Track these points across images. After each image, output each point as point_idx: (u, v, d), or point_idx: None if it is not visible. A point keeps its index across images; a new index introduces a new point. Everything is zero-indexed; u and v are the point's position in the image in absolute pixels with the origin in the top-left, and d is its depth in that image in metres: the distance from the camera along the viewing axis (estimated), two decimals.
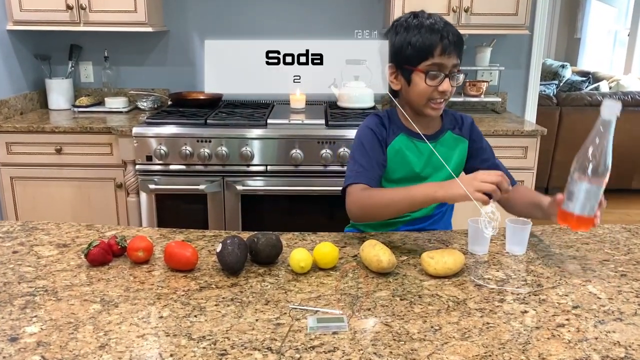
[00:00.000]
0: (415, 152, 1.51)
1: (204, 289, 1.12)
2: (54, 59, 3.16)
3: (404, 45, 1.40)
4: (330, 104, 3.09)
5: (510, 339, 0.95)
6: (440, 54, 1.37)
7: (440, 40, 1.37)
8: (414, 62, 1.40)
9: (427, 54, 1.38)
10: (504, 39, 3.17)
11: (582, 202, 1.15)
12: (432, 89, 1.40)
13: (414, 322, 1.00)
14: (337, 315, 1.01)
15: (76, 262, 1.23)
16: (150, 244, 1.23)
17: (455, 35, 1.39)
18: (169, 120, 2.66)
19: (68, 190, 2.75)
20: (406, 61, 1.42)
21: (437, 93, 1.41)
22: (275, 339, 0.94)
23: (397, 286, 1.15)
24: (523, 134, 2.71)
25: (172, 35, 3.19)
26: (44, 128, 2.66)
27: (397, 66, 1.46)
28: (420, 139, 1.49)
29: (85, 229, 1.42)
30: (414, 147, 1.51)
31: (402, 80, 1.46)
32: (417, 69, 1.40)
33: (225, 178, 2.63)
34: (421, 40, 1.38)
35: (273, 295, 1.10)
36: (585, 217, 1.17)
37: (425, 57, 1.38)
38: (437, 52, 1.37)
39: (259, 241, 1.21)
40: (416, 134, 1.49)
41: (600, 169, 1.12)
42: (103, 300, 1.07)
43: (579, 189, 1.14)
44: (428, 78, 1.39)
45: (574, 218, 1.18)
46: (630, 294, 1.13)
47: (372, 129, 1.51)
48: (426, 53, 1.38)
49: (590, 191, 1.14)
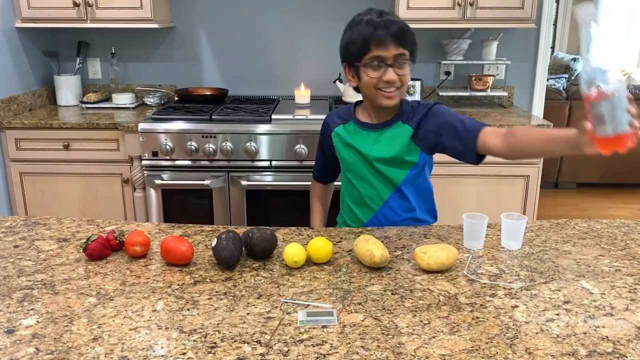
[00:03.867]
0: (360, 139, 1.58)
1: (198, 283, 1.13)
2: (63, 56, 3.20)
3: (348, 44, 1.49)
4: (335, 99, 3.10)
5: (499, 334, 0.96)
6: (377, 46, 1.43)
7: (374, 32, 1.42)
8: (356, 58, 1.47)
9: (365, 48, 1.44)
10: (511, 33, 3.15)
11: (614, 118, 1.02)
12: (376, 80, 1.46)
13: (403, 316, 1.01)
14: (327, 310, 1.03)
15: (75, 256, 1.26)
16: (147, 239, 1.25)
17: (394, 26, 1.43)
18: (175, 116, 2.68)
19: (76, 186, 2.78)
20: (352, 58, 1.49)
21: (383, 83, 1.46)
22: (265, 332, 0.96)
23: (390, 281, 1.15)
24: None
25: (178, 31, 3.21)
26: (52, 124, 2.69)
27: (348, 64, 1.53)
28: (367, 127, 1.58)
29: (86, 224, 1.44)
30: (359, 135, 1.59)
31: (355, 77, 1.52)
32: (360, 63, 1.47)
33: (230, 173, 2.65)
34: (359, 37, 1.45)
35: (266, 289, 1.11)
36: (625, 134, 1.04)
37: (364, 51, 1.45)
38: (374, 44, 1.43)
39: (253, 236, 1.22)
40: (364, 124, 1.58)
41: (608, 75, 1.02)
42: (99, 293, 1.09)
43: (604, 108, 1.02)
44: (370, 69, 1.45)
45: (616, 139, 1.04)
46: (623, 289, 1.13)
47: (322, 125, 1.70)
48: (364, 47, 1.44)
49: (615, 103, 1.02)
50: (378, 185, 1.58)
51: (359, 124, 1.59)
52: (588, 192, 4.54)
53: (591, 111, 1.04)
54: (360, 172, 1.59)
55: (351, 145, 1.59)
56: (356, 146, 1.58)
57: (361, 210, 1.63)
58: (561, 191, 4.54)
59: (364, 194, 1.60)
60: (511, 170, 2.72)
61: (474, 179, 1.53)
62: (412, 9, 2.78)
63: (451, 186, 2.69)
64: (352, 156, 1.60)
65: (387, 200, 1.59)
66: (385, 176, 1.56)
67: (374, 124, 1.57)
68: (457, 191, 2.71)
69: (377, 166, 1.55)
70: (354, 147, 1.58)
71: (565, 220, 1.50)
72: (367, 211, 1.62)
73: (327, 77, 3.13)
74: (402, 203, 1.59)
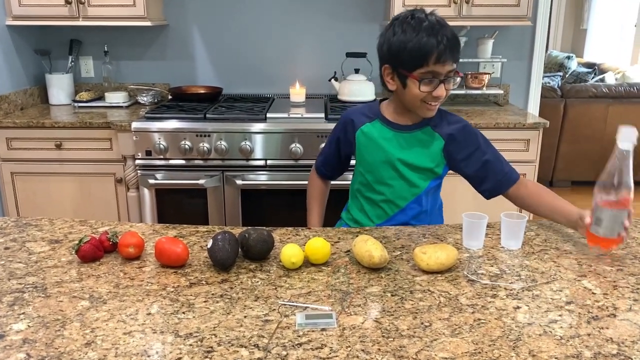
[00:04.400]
0: (387, 139, 1.53)
1: (194, 285, 1.11)
2: (54, 54, 3.16)
3: (400, 49, 1.40)
4: (330, 98, 3.07)
5: (501, 336, 0.94)
6: (435, 62, 1.37)
7: (436, 47, 1.35)
8: (408, 68, 1.40)
9: (422, 61, 1.38)
10: (506, 31, 3.13)
11: (608, 226, 1.21)
12: (426, 94, 1.41)
13: (403, 318, 0.99)
14: (326, 312, 1.00)
15: (67, 258, 1.23)
16: (141, 240, 1.22)
17: (452, 40, 1.38)
18: (168, 114, 2.65)
19: (68, 186, 2.75)
20: (401, 65, 1.42)
21: (431, 97, 1.42)
22: (262, 335, 0.93)
23: (389, 282, 1.13)
24: (525, 126, 2.69)
25: (172, 29, 3.18)
26: (44, 123, 2.66)
27: (393, 68, 1.45)
28: (395, 128, 1.53)
29: (78, 225, 1.42)
30: (387, 135, 1.54)
31: (397, 82, 1.46)
32: (411, 75, 1.40)
33: (225, 172, 2.62)
34: (417, 47, 1.37)
35: (263, 291, 1.09)
36: (612, 239, 1.23)
37: (420, 64, 1.38)
38: (432, 61, 1.37)
39: (250, 237, 1.20)
40: (392, 124, 1.54)
41: (622, 194, 1.19)
42: (92, 297, 1.06)
43: (605, 215, 1.21)
44: (422, 84, 1.40)
45: (603, 240, 1.24)
46: (625, 289, 1.11)
47: (341, 123, 1.64)
48: (421, 61, 1.38)
49: (615, 215, 1.20)
50: (399, 190, 1.55)
51: (386, 123, 1.54)
52: (583, 190, 4.53)
53: (594, 211, 1.23)
54: (381, 175, 1.55)
55: (378, 145, 1.54)
56: (383, 146, 1.53)
57: (375, 212, 1.60)
58: (556, 189, 4.49)
59: (382, 198, 1.57)
60: None
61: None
62: (408, 6, 2.77)
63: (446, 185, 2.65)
64: (375, 157, 1.55)
65: (404, 207, 1.57)
66: (408, 181, 1.53)
67: (404, 125, 1.53)
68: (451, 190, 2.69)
69: (402, 169, 1.52)
70: (380, 147, 1.54)
71: None
72: (382, 214, 1.59)
73: (323, 75, 3.11)
74: (419, 212, 1.57)
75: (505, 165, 1.53)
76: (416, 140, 1.53)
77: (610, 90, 4.40)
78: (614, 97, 4.38)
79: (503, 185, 1.52)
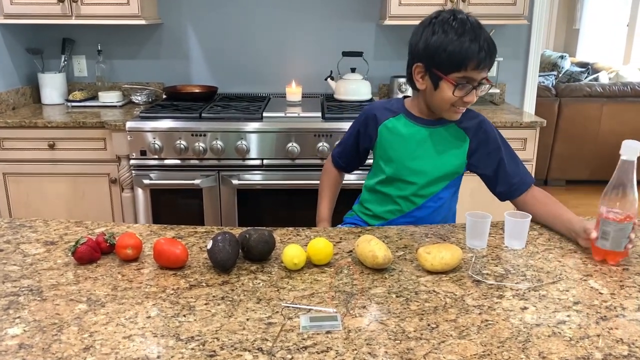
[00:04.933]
0: (412, 134, 1.51)
1: (194, 288, 1.08)
2: (47, 53, 3.11)
3: (439, 50, 1.36)
4: (327, 97, 3.05)
5: (510, 337, 0.92)
6: (474, 68, 1.34)
7: (477, 53, 1.32)
8: (445, 71, 1.37)
9: (460, 66, 1.34)
10: (503, 29, 3.12)
11: (615, 239, 1.20)
12: (457, 99, 1.39)
13: (410, 320, 0.97)
14: (330, 314, 0.98)
15: (63, 260, 1.20)
16: (139, 241, 1.19)
17: (492, 46, 1.36)
18: (163, 114, 2.62)
19: (62, 186, 2.71)
20: (437, 66, 1.38)
21: (461, 102, 1.40)
22: (266, 339, 0.91)
23: (393, 282, 1.11)
24: (522, 125, 2.67)
25: (166, 27, 3.14)
26: (37, 123, 2.62)
27: (427, 68, 1.41)
28: (420, 123, 1.50)
29: (74, 226, 1.39)
30: (411, 129, 1.51)
31: (428, 82, 1.43)
32: (446, 78, 1.37)
33: (220, 172, 2.59)
34: (458, 51, 1.33)
35: (265, 293, 1.06)
36: (619, 252, 1.22)
37: (458, 68, 1.35)
38: (472, 66, 1.34)
39: (250, 237, 1.18)
40: (417, 118, 1.51)
41: (627, 207, 1.18)
42: (89, 299, 1.03)
43: (611, 228, 1.19)
44: (457, 89, 1.37)
45: (609, 254, 1.22)
46: (632, 288, 1.10)
47: (361, 116, 1.61)
48: (460, 66, 1.34)
49: (622, 229, 1.19)
50: (418, 187, 1.52)
51: (411, 117, 1.52)
52: (578, 189, 4.54)
53: (600, 225, 1.21)
54: (402, 171, 1.52)
55: (402, 139, 1.51)
56: (407, 140, 1.50)
57: (390, 208, 1.57)
58: (551, 188, 4.53)
59: (400, 194, 1.54)
60: None
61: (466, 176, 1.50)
62: (404, 5, 2.75)
63: None
64: (399, 152, 1.52)
65: (421, 205, 1.54)
66: (429, 179, 1.51)
67: (428, 120, 1.50)
68: None
69: (424, 166, 1.50)
70: (404, 141, 1.51)
71: None
72: (397, 209, 1.56)
73: (319, 74, 3.09)
74: (433, 210, 1.55)
75: (520, 167, 1.51)
76: (441, 137, 1.50)
77: (604, 89, 4.41)
78: (608, 97, 4.38)
79: (517, 190, 1.49)
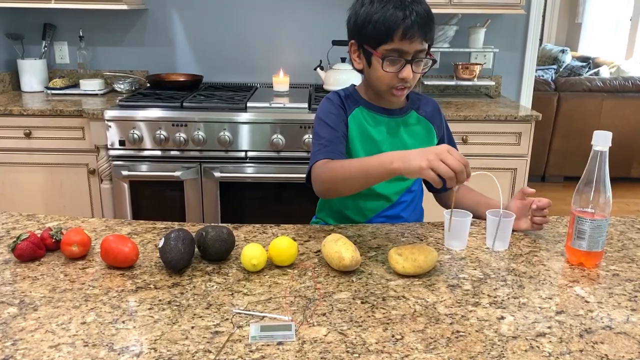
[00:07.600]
0: (375, 127, 1.38)
1: (140, 290, 0.99)
2: (27, 39, 3.01)
3: (365, 22, 1.25)
4: (316, 87, 2.95)
5: (482, 352, 0.83)
6: (401, 39, 1.22)
7: (402, 21, 1.20)
8: (373, 44, 1.26)
9: (386, 37, 1.23)
10: (499, 19, 3.01)
11: (593, 238, 1.10)
12: (392, 75, 1.26)
13: (372, 330, 0.88)
14: (284, 322, 0.89)
15: (4, 257, 1.10)
16: (86, 238, 1.10)
17: (423, 15, 1.22)
18: (144, 102, 2.53)
19: (38, 177, 2.62)
20: (366, 40, 1.27)
21: (397, 80, 1.27)
22: (209, 350, 0.81)
23: (360, 287, 1.02)
24: (517, 119, 2.57)
25: (150, 14, 3.03)
26: (12, 111, 2.52)
27: (359, 44, 1.31)
28: (381, 113, 1.38)
29: (24, 219, 1.29)
30: (374, 122, 1.38)
31: (363, 61, 1.32)
32: (375, 52, 1.26)
33: (202, 164, 2.50)
34: (382, 20, 1.22)
35: (217, 297, 0.97)
36: (595, 252, 1.12)
37: (384, 40, 1.23)
38: (398, 36, 1.22)
39: (207, 235, 1.08)
40: (377, 108, 1.38)
41: (602, 202, 1.09)
42: (22, 302, 0.94)
43: (587, 226, 1.10)
44: (386, 63, 1.25)
45: (585, 255, 1.12)
46: (622, 297, 1.00)
47: (331, 101, 1.39)
48: (385, 36, 1.23)
49: (599, 226, 1.10)
50: (392, 184, 1.39)
51: (371, 108, 1.38)
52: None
53: (575, 224, 1.11)
54: None
55: (368, 134, 1.37)
56: (374, 135, 1.37)
57: (362, 207, 1.43)
58: (548, 184, 4.43)
59: (370, 192, 1.37)
60: (498, 163, 2.60)
61: None
62: None
63: None
64: (366, 148, 1.37)
65: (395, 202, 1.42)
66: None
67: (389, 110, 1.38)
68: None
69: None
70: (371, 137, 1.37)
71: (557, 218, 1.38)
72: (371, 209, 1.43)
73: (308, 64, 2.97)
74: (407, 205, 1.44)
75: None
76: (403, 125, 1.40)
77: (604, 83, 4.29)
78: (609, 91, 4.27)
79: None
